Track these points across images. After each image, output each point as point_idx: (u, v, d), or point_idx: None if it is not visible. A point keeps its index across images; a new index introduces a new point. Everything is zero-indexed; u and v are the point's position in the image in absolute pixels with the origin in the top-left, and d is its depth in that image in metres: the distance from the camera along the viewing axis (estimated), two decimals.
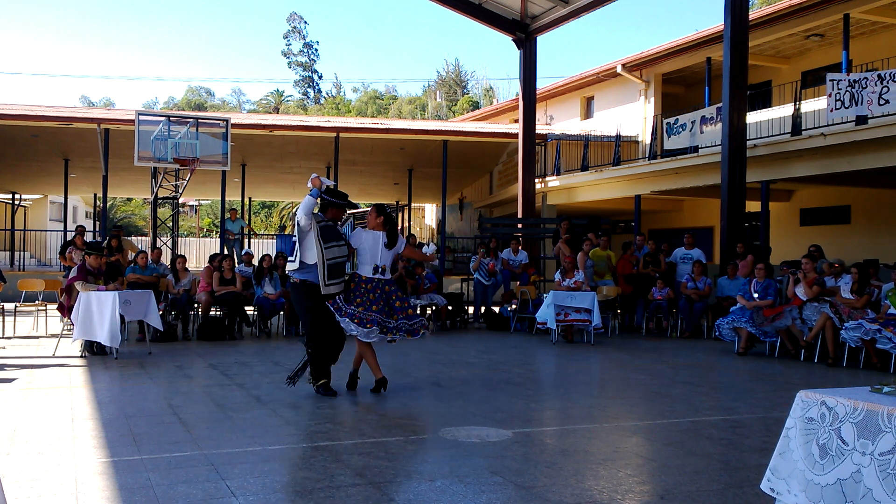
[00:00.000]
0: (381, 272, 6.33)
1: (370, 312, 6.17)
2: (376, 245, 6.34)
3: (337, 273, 6.22)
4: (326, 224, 6.28)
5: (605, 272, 12.28)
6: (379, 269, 6.32)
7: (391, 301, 6.37)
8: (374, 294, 6.26)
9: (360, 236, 6.38)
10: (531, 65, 17.87)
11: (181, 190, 15.64)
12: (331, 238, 6.21)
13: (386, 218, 6.48)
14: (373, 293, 6.26)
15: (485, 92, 56.13)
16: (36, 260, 26.30)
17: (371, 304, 6.21)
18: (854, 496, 2.53)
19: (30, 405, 5.87)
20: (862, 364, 8.62)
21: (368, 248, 6.34)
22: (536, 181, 18.51)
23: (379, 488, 3.78)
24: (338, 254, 6.23)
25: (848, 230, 16.94)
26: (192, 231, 42.85)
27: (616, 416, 5.88)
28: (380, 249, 6.34)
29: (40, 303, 11.47)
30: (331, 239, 6.21)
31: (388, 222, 6.47)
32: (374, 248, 6.34)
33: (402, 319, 6.33)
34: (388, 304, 6.34)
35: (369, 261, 6.33)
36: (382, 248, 6.35)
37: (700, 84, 19.61)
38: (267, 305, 11.27)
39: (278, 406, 5.91)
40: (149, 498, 3.59)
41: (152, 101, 69.07)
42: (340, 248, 6.27)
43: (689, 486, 3.90)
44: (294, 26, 66.05)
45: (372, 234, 6.38)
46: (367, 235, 6.38)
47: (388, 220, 6.47)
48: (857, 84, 11.74)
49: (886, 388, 2.73)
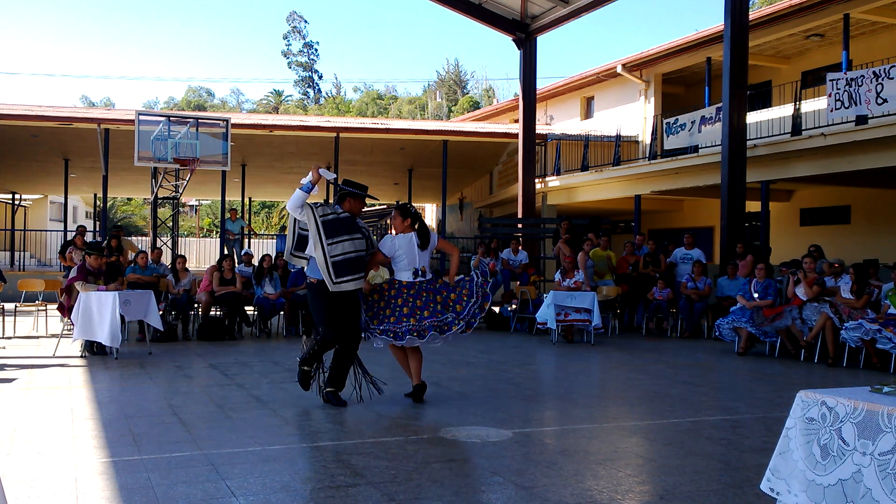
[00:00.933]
0: (421, 274, 6.00)
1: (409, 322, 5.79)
2: (411, 248, 6.00)
3: (349, 269, 5.77)
4: (339, 217, 5.86)
5: (606, 272, 12.29)
6: (419, 272, 5.99)
7: (442, 294, 5.99)
8: (421, 298, 5.88)
9: (392, 244, 6.03)
10: (531, 65, 17.87)
11: (181, 190, 15.64)
12: (341, 231, 5.80)
13: (413, 218, 6.10)
14: (418, 297, 5.88)
15: (485, 92, 56.16)
16: (36, 260, 26.32)
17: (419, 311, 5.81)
18: (855, 496, 2.53)
19: (30, 405, 5.86)
20: (862, 364, 8.62)
21: (405, 252, 5.99)
22: (536, 181, 18.51)
23: (379, 488, 3.78)
24: (350, 248, 5.79)
25: (848, 230, 16.94)
26: (193, 231, 42.88)
27: (616, 416, 5.87)
28: (416, 251, 6.00)
29: (40, 303, 11.47)
30: (341, 232, 5.80)
31: (416, 222, 6.10)
32: (410, 251, 5.99)
33: (466, 304, 5.95)
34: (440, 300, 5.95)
35: (407, 265, 6.00)
36: (417, 250, 6.01)
37: (700, 84, 19.61)
38: (267, 305, 11.27)
39: (278, 406, 5.90)
40: (149, 498, 3.59)
41: (152, 101, 69.14)
42: (355, 241, 5.84)
43: (689, 486, 3.90)
44: (294, 26, 66.05)
45: (404, 238, 6.03)
46: (400, 240, 6.02)
47: (415, 220, 6.10)
48: (854, 82, 11.74)
49: (886, 388, 2.73)
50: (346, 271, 5.75)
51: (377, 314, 5.93)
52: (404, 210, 6.16)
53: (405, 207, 6.22)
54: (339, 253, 5.74)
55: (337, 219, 5.84)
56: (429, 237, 6.07)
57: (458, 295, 6.04)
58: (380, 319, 5.90)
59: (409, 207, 6.25)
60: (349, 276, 5.76)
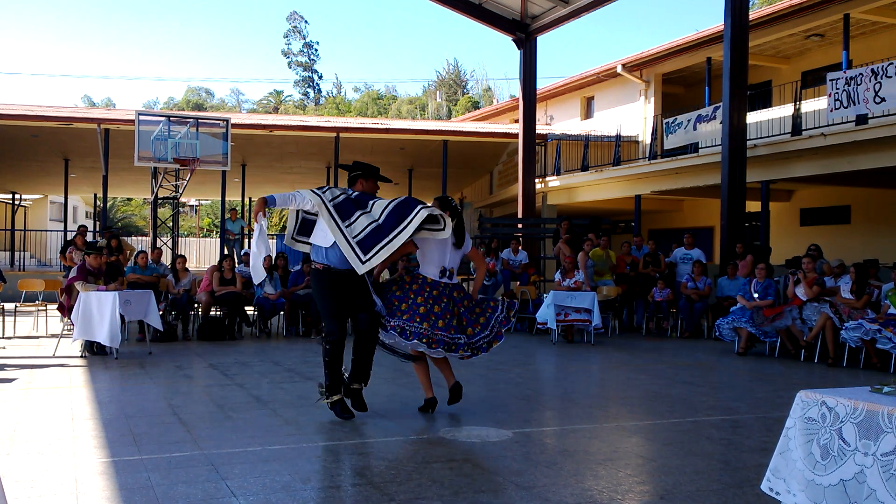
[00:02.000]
0: (448, 275, 5.49)
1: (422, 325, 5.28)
2: (445, 244, 5.46)
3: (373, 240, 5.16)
4: (350, 197, 5.34)
5: (606, 272, 12.29)
6: (447, 273, 5.48)
7: (460, 310, 5.47)
8: (441, 304, 5.37)
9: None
10: (531, 65, 17.87)
11: (181, 190, 15.64)
12: (354, 210, 5.25)
13: (452, 212, 5.51)
14: (438, 302, 5.37)
15: (484, 92, 56.16)
16: (36, 260, 26.33)
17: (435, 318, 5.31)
18: (858, 497, 2.53)
19: (30, 405, 5.86)
20: (862, 364, 8.62)
21: (437, 247, 5.45)
22: (536, 181, 18.51)
23: (379, 488, 3.78)
24: (367, 221, 5.21)
25: (848, 230, 16.94)
26: (193, 231, 42.87)
27: (616, 416, 5.87)
28: (448, 249, 5.49)
29: (40, 303, 11.47)
30: (354, 211, 5.25)
31: (455, 217, 5.54)
32: (442, 247, 5.47)
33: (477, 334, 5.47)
34: (457, 315, 5.43)
35: (436, 262, 5.47)
36: (451, 248, 5.51)
37: (700, 84, 19.61)
38: (267, 305, 11.27)
39: (278, 406, 5.90)
40: (149, 498, 3.58)
41: (152, 101, 69.10)
42: (369, 213, 5.27)
43: (689, 486, 3.90)
44: (294, 26, 66.02)
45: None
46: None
47: (454, 215, 5.52)
48: (853, 81, 11.73)
49: (886, 388, 2.73)
50: (371, 242, 5.16)
51: (392, 306, 5.40)
52: (444, 202, 5.60)
53: (445, 199, 5.66)
54: (360, 230, 5.18)
55: (348, 199, 5.32)
56: (464, 236, 5.60)
57: (474, 318, 5.54)
58: (391, 313, 5.38)
59: (450, 200, 5.69)
60: (377, 248, 5.15)
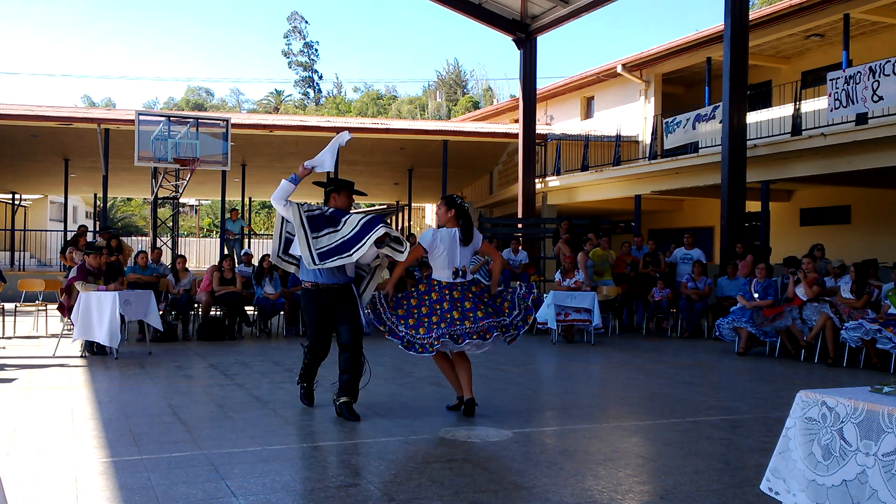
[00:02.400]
0: (461, 275, 5.47)
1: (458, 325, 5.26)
2: (454, 244, 5.45)
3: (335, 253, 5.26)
4: (325, 214, 5.43)
5: (606, 272, 12.29)
6: (459, 272, 5.45)
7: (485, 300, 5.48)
8: (470, 301, 5.36)
9: (434, 237, 5.46)
10: (531, 65, 17.87)
11: (181, 190, 15.63)
12: (326, 226, 5.35)
13: (458, 211, 5.55)
14: (465, 300, 5.36)
15: (484, 92, 56.16)
16: (36, 260, 26.34)
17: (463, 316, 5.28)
18: (860, 497, 2.53)
19: (30, 405, 5.86)
20: (862, 364, 8.62)
21: (446, 248, 5.44)
22: (536, 181, 18.52)
23: (379, 488, 3.78)
24: (335, 238, 5.30)
25: (848, 230, 16.94)
26: (193, 231, 42.88)
27: (616, 416, 5.87)
28: (458, 249, 5.47)
29: (40, 303, 11.48)
30: (325, 227, 5.34)
31: (462, 215, 5.56)
32: (452, 248, 5.45)
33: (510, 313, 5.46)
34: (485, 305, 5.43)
35: (447, 264, 5.45)
36: (459, 247, 5.48)
37: (700, 84, 19.61)
38: (267, 305, 11.27)
39: (278, 406, 5.90)
40: (149, 498, 3.58)
41: (152, 101, 69.13)
42: (339, 231, 5.32)
43: (689, 486, 3.90)
44: (294, 26, 66.03)
45: (447, 233, 5.48)
46: (443, 234, 5.47)
47: (460, 213, 5.55)
48: (852, 80, 11.73)
49: (886, 388, 2.73)
50: (330, 255, 5.27)
51: (419, 321, 5.34)
52: (449, 200, 5.59)
53: (451, 198, 5.64)
54: (325, 245, 5.29)
55: (322, 215, 5.41)
56: (472, 233, 5.56)
57: (500, 305, 5.55)
58: (426, 327, 5.30)
59: (455, 198, 5.65)
60: (332, 259, 5.26)
